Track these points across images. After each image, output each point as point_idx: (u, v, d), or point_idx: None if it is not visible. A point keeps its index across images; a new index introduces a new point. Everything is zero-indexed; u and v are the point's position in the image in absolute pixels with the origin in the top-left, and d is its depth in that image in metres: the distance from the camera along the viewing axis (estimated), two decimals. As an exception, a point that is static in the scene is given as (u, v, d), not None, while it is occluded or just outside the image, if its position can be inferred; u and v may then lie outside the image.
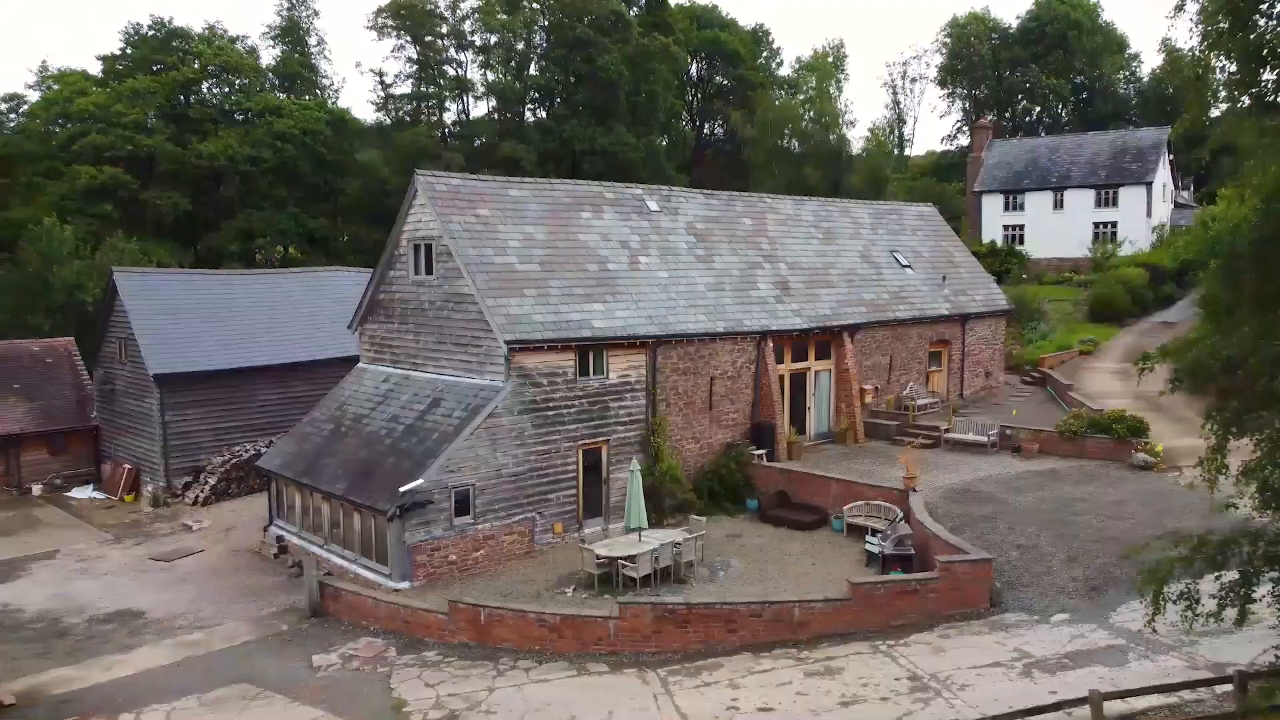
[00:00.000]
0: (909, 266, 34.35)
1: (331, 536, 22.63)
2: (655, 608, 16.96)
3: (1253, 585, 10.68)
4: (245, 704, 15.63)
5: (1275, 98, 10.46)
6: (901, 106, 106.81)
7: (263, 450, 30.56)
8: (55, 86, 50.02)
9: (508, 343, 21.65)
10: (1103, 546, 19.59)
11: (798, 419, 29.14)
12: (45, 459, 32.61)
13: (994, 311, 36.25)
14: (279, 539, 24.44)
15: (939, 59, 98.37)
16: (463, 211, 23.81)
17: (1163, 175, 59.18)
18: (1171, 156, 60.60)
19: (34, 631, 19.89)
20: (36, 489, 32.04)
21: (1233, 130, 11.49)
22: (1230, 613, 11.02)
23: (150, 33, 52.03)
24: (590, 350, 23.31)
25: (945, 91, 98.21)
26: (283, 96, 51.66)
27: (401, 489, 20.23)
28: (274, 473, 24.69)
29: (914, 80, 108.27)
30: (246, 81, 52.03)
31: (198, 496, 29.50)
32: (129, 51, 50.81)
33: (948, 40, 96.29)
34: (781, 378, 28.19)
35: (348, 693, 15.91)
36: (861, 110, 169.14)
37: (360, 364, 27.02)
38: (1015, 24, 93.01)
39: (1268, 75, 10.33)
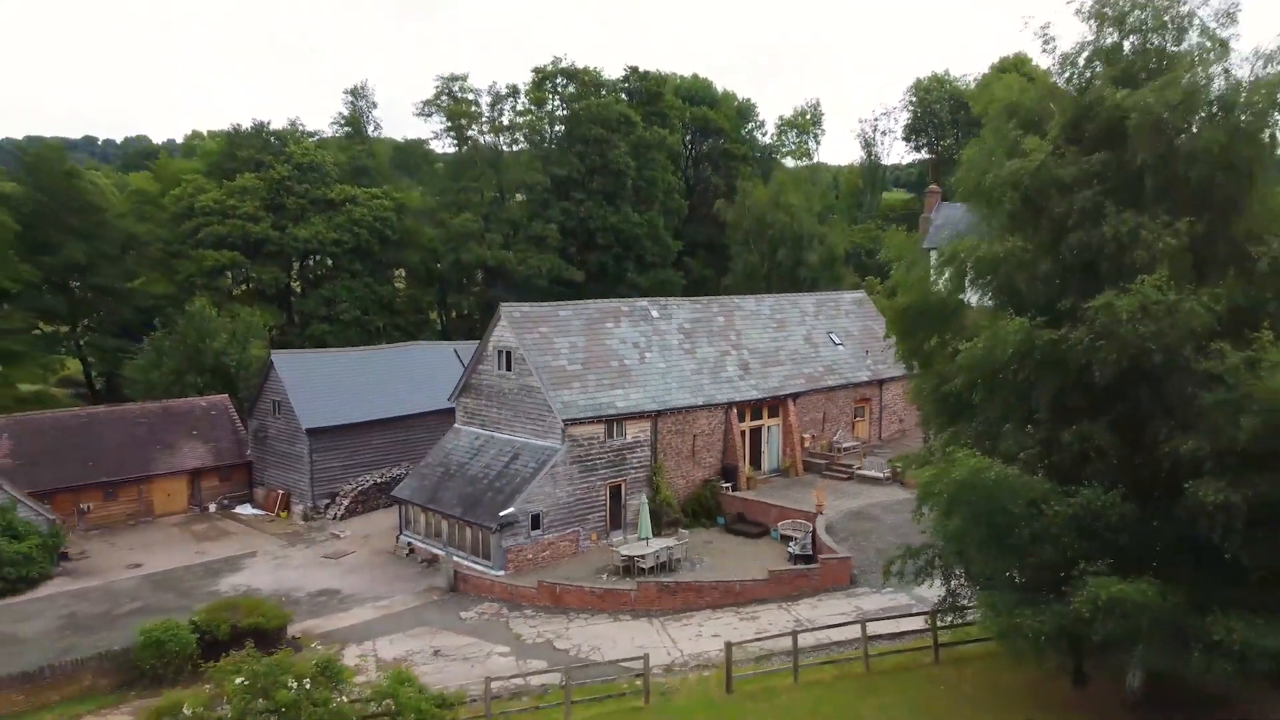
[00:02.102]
0: (841, 344, 47.02)
1: (449, 541, 35.21)
2: (658, 585, 29.64)
3: (932, 569, 23.15)
4: (432, 635, 28.27)
5: None
6: (874, 155, 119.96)
7: (379, 480, 43.30)
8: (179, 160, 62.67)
9: (563, 420, 34.28)
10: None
11: (756, 459, 41.75)
12: (216, 485, 45.23)
13: (906, 375, 48.84)
14: (409, 544, 37.02)
15: (905, 116, 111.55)
16: (529, 330, 36.45)
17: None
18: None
19: (277, 602, 32.38)
20: (212, 507, 44.66)
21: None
22: (936, 584, 23.49)
23: (249, 129, 65.01)
24: (613, 421, 35.93)
25: (910, 146, 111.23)
26: (350, 188, 64.24)
27: (500, 513, 32.88)
28: (405, 500, 37.27)
29: (884, 134, 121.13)
30: (326, 171, 64.74)
31: (336, 514, 42.08)
32: (235, 154, 63.61)
33: (913, 100, 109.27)
34: (743, 432, 40.76)
35: (485, 630, 28.55)
36: (839, 157, 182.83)
37: (456, 424, 39.54)
38: (973, 86, 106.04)
39: None
